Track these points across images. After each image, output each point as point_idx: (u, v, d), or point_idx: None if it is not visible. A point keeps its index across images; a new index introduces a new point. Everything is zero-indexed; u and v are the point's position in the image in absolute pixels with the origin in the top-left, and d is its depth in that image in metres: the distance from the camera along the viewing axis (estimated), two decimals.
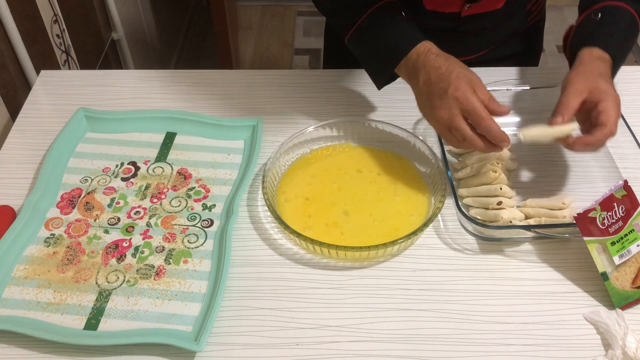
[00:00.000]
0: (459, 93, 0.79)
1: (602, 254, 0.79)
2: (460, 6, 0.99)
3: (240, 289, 0.81)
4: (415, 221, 0.87)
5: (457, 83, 0.80)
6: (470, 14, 1.00)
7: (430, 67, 0.83)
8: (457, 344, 0.76)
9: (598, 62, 0.85)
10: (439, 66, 0.82)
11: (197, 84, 1.10)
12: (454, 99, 0.80)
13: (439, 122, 0.82)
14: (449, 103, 0.80)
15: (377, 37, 0.89)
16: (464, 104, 0.79)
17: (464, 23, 1.02)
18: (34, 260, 0.83)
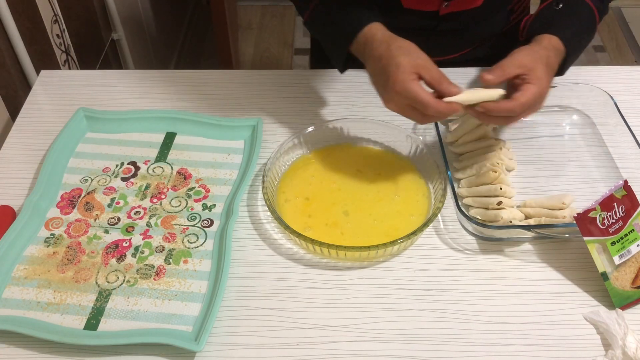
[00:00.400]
0: (399, 87, 0.78)
1: (602, 254, 0.79)
2: (438, 4, 0.99)
3: (240, 289, 0.81)
4: (415, 221, 0.87)
5: (396, 76, 0.78)
6: (448, 12, 1.00)
7: (373, 57, 0.82)
8: (457, 344, 0.76)
9: (552, 52, 0.85)
10: (380, 56, 0.81)
11: (197, 84, 1.10)
12: (396, 94, 0.79)
13: (392, 110, 0.82)
14: (393, 97, 0.80)
15: (329, 19, 0.89)
16: (404, 99, 0.79)
17: (443, 21, 1.02)
18: (34, 260, 0.83)
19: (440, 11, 1.00)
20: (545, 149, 0.98)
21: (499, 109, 0.80)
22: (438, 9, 0.99)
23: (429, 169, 0.92)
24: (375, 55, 0.82)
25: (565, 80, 1.04)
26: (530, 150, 0.98)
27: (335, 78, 1.10)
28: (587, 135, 1.00)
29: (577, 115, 1.03)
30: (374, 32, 0.84)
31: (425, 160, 0.93)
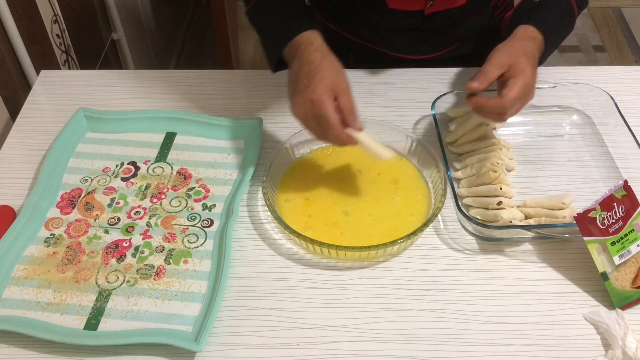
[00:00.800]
0: (315, 96, 0.78)
1: (602, 254, 0.79)
2: (423, 4, 0.99)
3: (240, 289, 0.81)
4: (415, 221, 0.87)
5: (317, 86, 0.79)
6: (434, 11, 1.00)
7: (304, 59, 0.82)
8: (457, 344, 0.76)
9: (528, 41, 0.86)
10: (312, 61, 0.81)
11: (197, 84, 1.10)
12: (309, 101, 0.79)
13: (296, 116, 0.82)
14: (304, 103, 0.79)
15: (272, 16, 0.89)
16: (315, 109, 0.79)
17: (428, 21, 1.02)
18: (34, 260, 0.83)
19: (426, 10, 1.00)
20: (545, 149, 0.98)
21: (490, 105, 0.82)
22: (423, 8, 1.00)
23: (429, 169, 0.92)
24: (306, 58, 0.82)
25: (565, 80, 1.05)
26: (530, 150, 0.98)
27: None
28: (587, 135, 1.00)
29: (577, 115, 1.03)
30: (312, 39, 0.84)
31: (425, 160, 0.93)
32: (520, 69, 0.82)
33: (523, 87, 0.81)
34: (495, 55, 0.84)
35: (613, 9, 2.82)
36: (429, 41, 1.07)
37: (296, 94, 0.80)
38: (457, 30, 1.07)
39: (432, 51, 1.09)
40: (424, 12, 1.00)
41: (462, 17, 1.04)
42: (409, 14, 1.01)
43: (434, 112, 0.97)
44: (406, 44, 0.83)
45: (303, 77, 0.80)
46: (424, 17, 1.01)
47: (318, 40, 0.84)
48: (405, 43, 0.83)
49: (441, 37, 1.07)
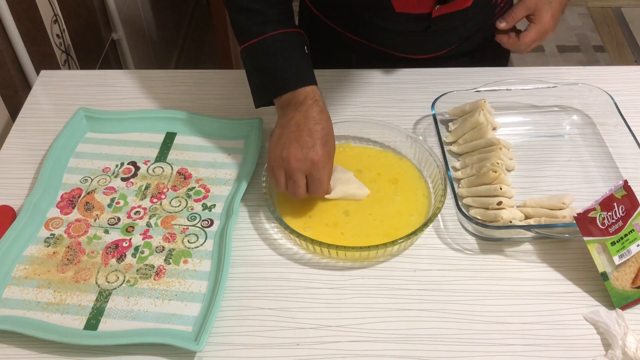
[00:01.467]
0: (317, 158, 0.81)
1: (602, 254, 0.79)
2: (430, 7, 0.99)
3: (240, 289, 0.81)
4: (415, 221, 0.87)
5: (319, 150, 0.81)
6: (440, 14, 1.01)
7: (310, 115, 0.82)
8: (457, 344, 0.76)
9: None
10: (318, 122, 0.82)
11: (197, 84, 1.10)
12: (310, 161, 0.81)
13: (282, 161, 0.82)
14: (304, 159, 0.81)
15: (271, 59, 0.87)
16: (315, 169, 0.81)
17: (435, 23, 1.02)
18: (34, 260, 0.83)
19: (433, 13, 1.00)
20: (545, 149, 0.98)
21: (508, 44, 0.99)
22: (430, 11, 0.99)
23: (429, 169, 0.92)
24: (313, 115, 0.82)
25: (565, 80, 1.05)
26: (530, 150, 0.98)
27: (335, 78, 1.10)
28: (587, 135, 1.00)
29: (577, 115, 1.03)
30: (318, 96, 0.85)
31: (425, 160, 0.93)
32: (540, 15, 0.97)
33: (538, 33, 0.98)
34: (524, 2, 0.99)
35: (613, 9, 2.82)
36: (434, 42, 1.08)
37: (297, 146, 0.81)
38: (461, 30, 1.07)
39: (436, 50, 1.09)
40: (430, 15, 1.00)
41: (467, 17, 1.04)
42: (417, 17, 1.01)
43: (434, 112, 0.97)
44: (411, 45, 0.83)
45: (306, 134, 0.81)
46: (431, 20, 1.01)
47: (322, 100, 0.85)
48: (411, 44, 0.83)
49: (445, 37, 1.08)
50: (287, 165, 0.82)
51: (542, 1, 0.98)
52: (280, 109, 0.86)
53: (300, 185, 0.82)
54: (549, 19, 0.98)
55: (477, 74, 1.09)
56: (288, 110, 0.84)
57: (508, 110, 1.03)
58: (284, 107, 0.85)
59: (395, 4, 0.99)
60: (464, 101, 1.00)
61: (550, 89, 1.02)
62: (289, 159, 0.81)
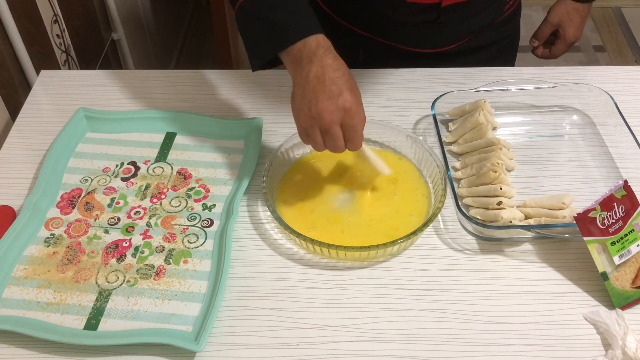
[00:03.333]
0: (349, 105, 0.76)
1: (602, 254, 0.79)
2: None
3: (240, 289, 0.81)
4: (415, 221, 0.87)
5: (348, 96, 0.77)
6: (450, 4, 1.01)
7: (327, 64, 0.77)
8: (457, 344, 0.76)
9: None
10: (337, 68, 0.78)
11: (197, 84, 1.10)
12: (343, 109, 0.76)
13: (313, 120, 0.78)
14: (337, 109, 0.76)
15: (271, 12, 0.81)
16: (349, 117, 0.77)
17: (444, 13, 1.03)
18: (34, 260, 0.83)
19: (443, 3, 1.00)
20: (545, 149, 0.98)
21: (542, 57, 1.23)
22: (440, 1, 1.00)
23: (429, 169, 0.92)
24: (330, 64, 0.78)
25: (565, 80, 1.05)
26: (530, 150, 0.98)
27: None
28: (587, 135, 1.00)
29: (577, 115, 1.03)
30: (329, 44, 0.80)
31: (425, 160, 0.93)
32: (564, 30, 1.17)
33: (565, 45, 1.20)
34: (549, 16, 1.18)
35: (613, 9, 2.82)
36: (442, 34, 1.08)
37: (325, 99, 0.76)
38: (470, 24, 1.08)
39: (444, 45, 1.09)
40: (440, 5, 1.00)
41: (476, 10, 1.05)
42: (426, 7, 1.01)
43: (434, 112, 0.97)
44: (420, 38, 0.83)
45: (330, 83, 0.77)
46: (440, 10, 1.01)
47: (332, 47, 0.80)
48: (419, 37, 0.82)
49: (454, 30, 1.08)
50: (321, 121, 0.77)
51: (564, 17, 1.15)
52: (291, 63, 0.80)
53: (339, 137, 0.78)
54: (574, 32, 1.16)
55: (477, 74, 1.09)
56: (302, 64, 0.79)
57: (508, 110, 1.03)
58: (296, 61, 0.79)
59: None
60: (464, 101, 1.00)
61: (550, 89, 1.02)
62: (321, 113, 0.76)
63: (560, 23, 1.17)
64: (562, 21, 1.16)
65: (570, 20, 1.16)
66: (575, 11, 1.16)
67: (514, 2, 1.13)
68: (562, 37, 1.18)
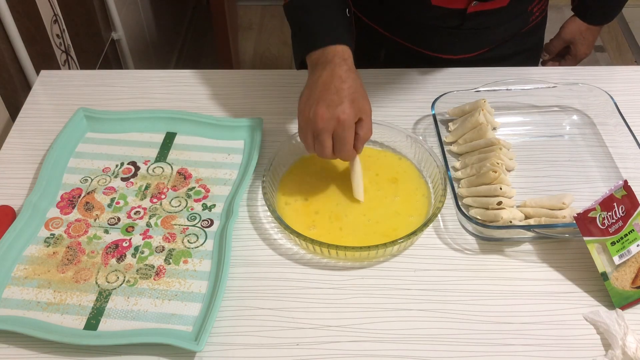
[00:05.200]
0: (344, 117, 0.78)
1: (602, 254, 0.79)
2: (466, 2, 0.99)
3: (240, 289, 0.81)
4: (415, 221, 0.87)
5: (347, 107, 0.78)
6: (475, 11, 1.00)
7: (337, 74, 0.80)
8: (457, 344, 0.76)
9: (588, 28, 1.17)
10: (345, 79, 0.80)
11: (197, 84, 1.10)
12: (336, 119, 0.78)
13: (308, 124, 0.81)
14: (330, 118, 0.79)
15: (307, 16, 0.85)
16: (340, 128, 0.79)
17: (469, 20, 1.02)
18: (34, 260, 0.83)
19: (469, 9, 1.00)
20: (545, 149, 0.98)
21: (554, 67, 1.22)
22: (466, 6, 0.99)
23: (429, 169, 0.92)
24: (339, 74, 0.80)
25: (565, 80, 1.05)
26: (530, 150, 0.98)
27: None
28: (587, 135, 1.00)
29: (577, 115, 1.03)
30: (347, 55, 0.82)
31: (425, 160, 0.93)
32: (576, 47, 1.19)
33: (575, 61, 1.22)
34: (562, 32, 1.20)
35: None
36: (465, 41, 1.08)
37: (323, 105, 0.79)
38: (494, 33, 1.07)
39: (467, 52, 1.09)
40: (466, 11, 1.00)
41: (501, 20, 1.05)
42: (451, 12, 1.01)
43: (434, 112, 0.97)
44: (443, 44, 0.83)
45: (333, 92, 0.79)
46: (465, 16, 1.01)
47: (351, 59, 0.83)
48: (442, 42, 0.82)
49: (478, 38, 1.08)
50: (314, 126, 0.80)
51: (577, 36, 1.18)
52: (310, 66, 0.84)
53: (326, 145, 0.80)
54: (585, 49, 1.20)
55: (477, 74, 1.09)
56: (316, 70, 0.82)
57: (508, 110, 1.03)
58: (313, 67, 0.83)
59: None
60: (464, 101, 1.00)
61: (550, 89, 1.02)
62: (315, 118, 0.79)
63: (572, 40, 1.19)
64: (575, 39, 1.18)
65: (583, 38, 1.18)
66: (589, 31, 1.18)
67: (540, 14, 1.12)
68: (573, 53, 1.20)
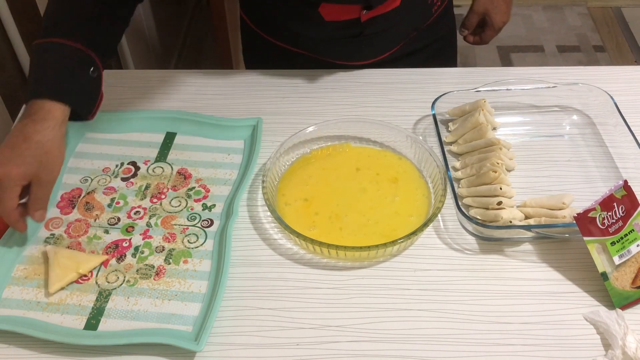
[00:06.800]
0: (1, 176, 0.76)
1: (602, 254, 0.79)
2: (358, 12, 0.99)
3: (240, 289, 0.81)
4: (415, 221, 0.87)
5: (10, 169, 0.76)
6: (369, 18, 1.00)
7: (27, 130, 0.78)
8: (457, 344, 0.76)
9: None
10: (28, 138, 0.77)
11: (197, 84, 1.10)
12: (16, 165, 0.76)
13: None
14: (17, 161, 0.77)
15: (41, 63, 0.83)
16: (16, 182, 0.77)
17: (367, 27, 1.02)
18: (34, 260, 0.83)
19: (362, 18, 1.00)
20: (545, 149, 0.98)
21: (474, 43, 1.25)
22: (359, 16, 0.99)
23: (429, 169, 0.92)
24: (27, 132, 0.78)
25: (565, 80, 1.05)
26: (530, 150, 0.98)
27: (335, 78, 1.10)
28: (587, 135, 1.00)
29: (577, 115, 1.03)
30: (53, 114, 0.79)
31: (425, 160, 0.93)
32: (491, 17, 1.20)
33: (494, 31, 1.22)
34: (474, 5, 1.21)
35: (613, 9, 2.82)
36: (370, 46, 1.08)
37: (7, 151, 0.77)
38: (396, 31, 1.07)
39: (376, 55, 1.09)
40: (360, 20, 1.00)
41: (399, 18, 1.04)
42: (346, 24, 1.01)
43: (434, 112, 0.97)
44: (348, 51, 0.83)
45: (9, 146, 0.77)
46: (361, 25, 1.01)
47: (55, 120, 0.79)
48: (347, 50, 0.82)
49: (382, 39, 1.07)
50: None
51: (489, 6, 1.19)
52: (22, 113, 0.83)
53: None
54: (500, 17, 1.20)
55: (477, 74, 1.09)
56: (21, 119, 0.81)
57: (508, 110, 1.03)
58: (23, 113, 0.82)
59: (323, 13, 0.99)
60: (464, 101, 1.00)
61: (550, 89, 1.02)
62: None
63: (485, 12, 1.20)
64: (488, 9, 1.20)
65: (495, 7, 1.19)
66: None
67: (442, 3, 1.12)
68: (490, 24, 1.21)
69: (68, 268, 0.80)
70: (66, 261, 0.81)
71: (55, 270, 0.80)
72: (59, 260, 0.81)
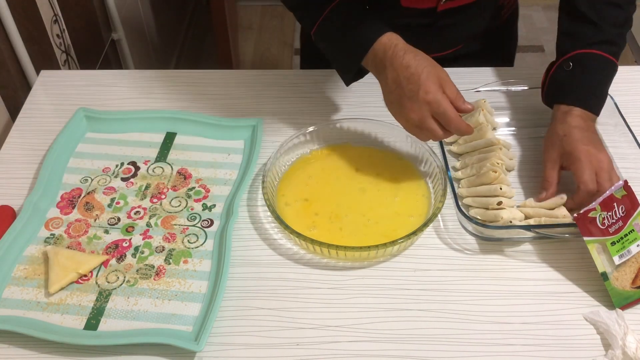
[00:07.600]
0: (430, 97, 0.80)
1: (602, 254, 0.79)
2: (436, 1, 1.00)
3: (240, 289, 0.81)
4: (415, 222, 0.87)
5: (427, 85, 0.80)
6: (446, 9, 1.01)
7: (398, 65, 0.82)
8: (457, 344, 0.76)
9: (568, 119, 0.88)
10: (408, 65, 0.82)
11: (197, 84, 1.10)
12: (426, 103, 0.80)
13: (408, 122, 0.84)
14: (420, 106, 0.81)
15: (342, 29, 0.88)
16: (434, 108, 0.80)
17: (440, 18, 1.03)
18: (34, 260, 0.83)
19: (438, 7, 1.00)
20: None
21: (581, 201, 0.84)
22: (436, 5, 1.00)
23: (429, 169, 0.92)
24: (400, 63, 0.82)
25: None
26: (530, 150, 0.98)
27: (335, 78, 1.10)
28: None
29: None
30: (395, 41, 0.84)
31: (425, 160, 0.93)
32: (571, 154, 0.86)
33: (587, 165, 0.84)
34: (546, 155, 0.89)
35: None
36: (439, 39, 1.08)
37: (407, 100, 0.81)
38: (465, 29, 1.08)
39: (441, 50, 1.10)
40: (436, 10, 1.00)
41: (471, 15, 1.05)
42: (422, 12, 1.02)
43: None
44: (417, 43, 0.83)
45: (407, 83, 0.81)
46: (436, 15, 1.01)
47: (400, 41, 0.84)
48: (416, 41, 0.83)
49: (450, 35, 1.08)
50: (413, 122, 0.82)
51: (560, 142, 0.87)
52: (373, 72, 0.87)
53: (433, 128, 0.82)
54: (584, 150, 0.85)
55: (477, 74, 1.09)
56: (380, 73, 0.85)
57: (508, 110, 1.03)
58: (376, 70, 0.86)
59: None
60: None
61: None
62: (409, 116, 0.82)
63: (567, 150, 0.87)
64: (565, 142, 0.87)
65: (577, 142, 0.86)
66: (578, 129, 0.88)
67: (510, 7, 1.13)
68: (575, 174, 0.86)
69: (68, 268, 0.80)
70: (66, 261, 0.81)
71: (55, 270, 0.80)
72: (59, 260, 0.81)
